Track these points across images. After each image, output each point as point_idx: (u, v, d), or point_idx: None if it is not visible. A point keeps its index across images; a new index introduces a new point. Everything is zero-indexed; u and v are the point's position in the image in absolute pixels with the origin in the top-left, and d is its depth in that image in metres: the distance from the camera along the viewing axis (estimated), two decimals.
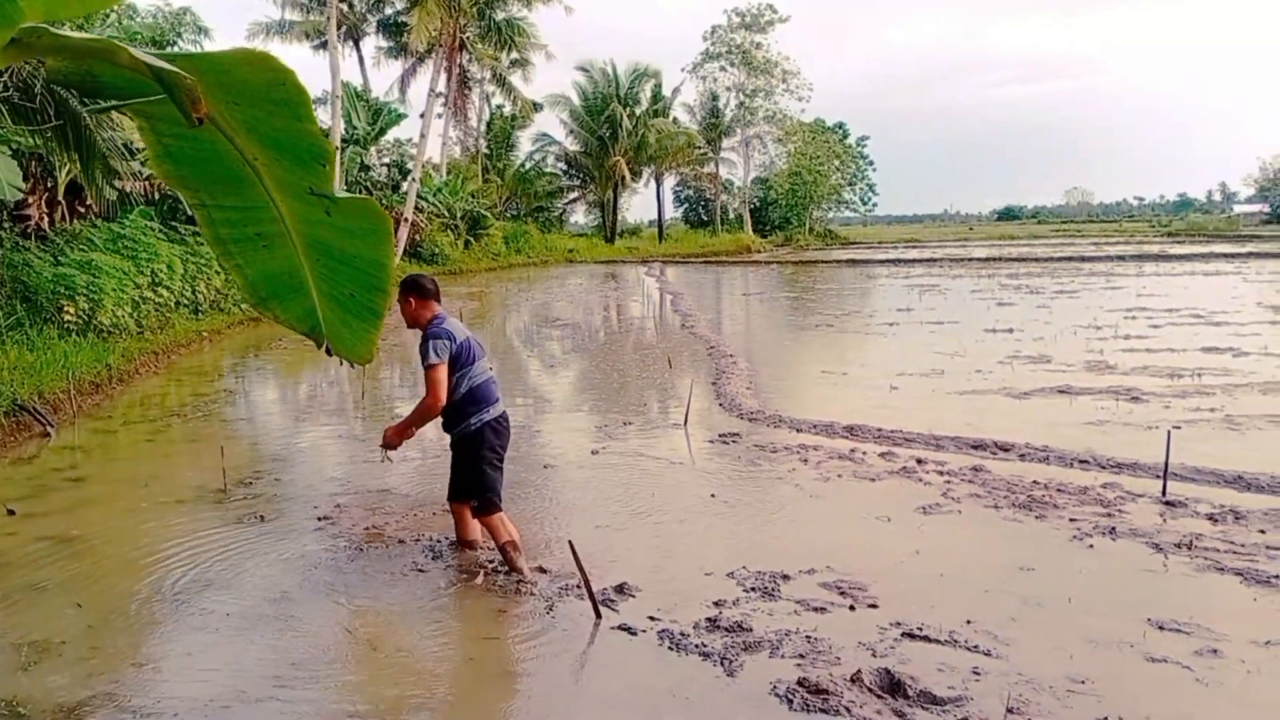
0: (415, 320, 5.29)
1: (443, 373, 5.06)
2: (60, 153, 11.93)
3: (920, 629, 4.31)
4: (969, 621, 4.39)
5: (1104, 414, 8.86)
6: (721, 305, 24.01)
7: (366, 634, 4.43)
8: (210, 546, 5.68)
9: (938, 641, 4.21)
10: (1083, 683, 3.82)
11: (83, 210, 16.83)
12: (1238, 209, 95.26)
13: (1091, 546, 5.38)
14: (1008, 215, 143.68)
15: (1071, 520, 5.80)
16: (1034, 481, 6.63)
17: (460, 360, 5.12)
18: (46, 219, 15.89)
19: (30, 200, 15.50)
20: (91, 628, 4.53)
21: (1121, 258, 36.45)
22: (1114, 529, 5.62)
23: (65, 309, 12.61)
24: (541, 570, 5.15)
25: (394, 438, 5.25)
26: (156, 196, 17.80)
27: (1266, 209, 78.31)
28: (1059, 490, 6.41)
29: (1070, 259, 36.62)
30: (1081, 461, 7.12)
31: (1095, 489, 6.43)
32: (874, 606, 4.61)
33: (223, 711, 3.74)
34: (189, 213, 15.01)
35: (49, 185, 15.88)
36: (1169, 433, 6.55)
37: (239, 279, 2.38)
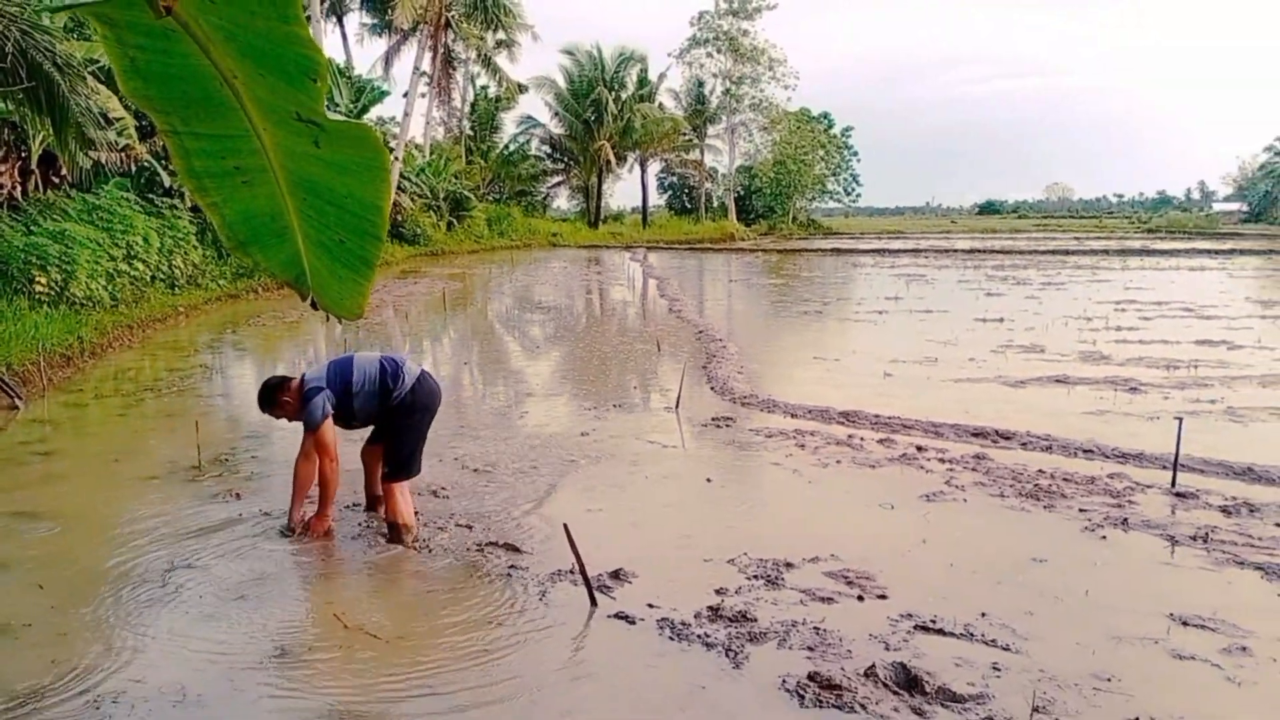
0: (297, 407, 5.13)
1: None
2: (33, 117, 11.51)
3: (933, 621, 4.10)
4: (984, 614, 4.18)
5: (1103, 404, 8.68)
6: (707, 291, 23.73)
7: (354, 619, 4.17)
8: (183, 525, 5.40)
9: (953, 635, 4.00)
10: (1109, 680, 3.62)
11: (57, 180, 16.35)
12: (1216, 208, 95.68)
13: (1104, 538, 5.19)
14: (989, 209, 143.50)
15: (1081, 510, 5.61)
16: (1039, 470, 6.43)
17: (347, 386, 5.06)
18: (19, 188, 15.42)
19: (2, 169, 15.04)
20: (55, 609, 4.25)
21: (1106, 252, 36.43)
22: (1126, 520, 5.43)
23: (36, 279, 12.21)
24: (515, 550, 4.98)
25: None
26: (133, 168, 17.34)
27: (1245, 208, 78.69)
28: (1065, 480, 6.22)
29: (1054, 252, 36.52)
30: (1085, 451, 6.93)
31: (1102, 479, 6.24)
32: (883, 597, 4.40)
33: (198, 700, 3.48)
34: (166, 185, 14.40)
35: (22, 154, 15.41)
36: (1179, 423, 6.36)
37: (215, 219, 2.10)
